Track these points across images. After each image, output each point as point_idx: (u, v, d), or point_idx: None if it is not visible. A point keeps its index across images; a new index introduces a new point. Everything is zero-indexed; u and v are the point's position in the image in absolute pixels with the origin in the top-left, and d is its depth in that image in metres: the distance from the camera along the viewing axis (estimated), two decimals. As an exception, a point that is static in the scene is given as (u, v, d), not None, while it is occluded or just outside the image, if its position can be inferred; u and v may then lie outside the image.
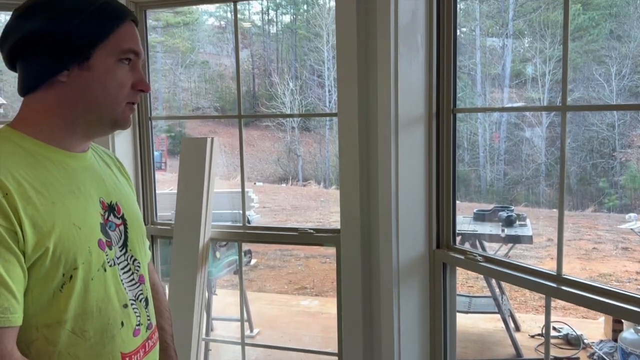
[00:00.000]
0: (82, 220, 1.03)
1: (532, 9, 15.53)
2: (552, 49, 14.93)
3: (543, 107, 9.47)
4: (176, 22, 23.03)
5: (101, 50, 1.04)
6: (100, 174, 1.16)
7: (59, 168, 1.04)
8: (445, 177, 2.06)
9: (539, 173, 14.27)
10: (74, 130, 1.07)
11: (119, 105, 1.08)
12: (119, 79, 1.06)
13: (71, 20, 1.02)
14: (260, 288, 7.20)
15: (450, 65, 2.00)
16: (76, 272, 1.00)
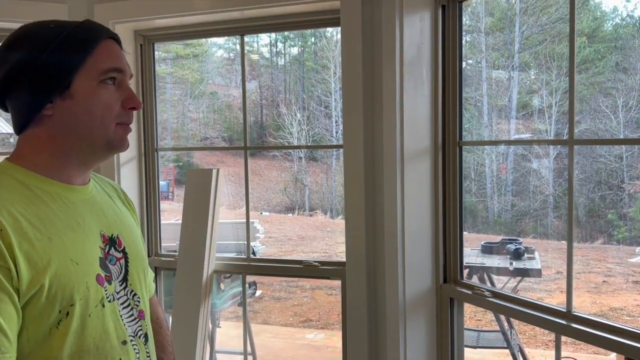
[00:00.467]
0: (79, 255, 1.00)
1: (538, 42, 15.63)
2: (558, 80, 14.98)
3: (550, 141, 9.46)
4: (186, 54, 23.33)
5: (80, 76, 1.01)
6: (102, 206, 1.13)
7: (57, 202, 1.02)
8: (452, 210, 2.04)
9: (547, 204, 14.18)
10: (70, 161, 1.05)
11: (109, 128, 1.05)
12: (104, 101, 1.03)
13: (44, 51, 1.00)
14: (265, 320, 7.12)
15: (455, 97, 2.00)
16: (73, 308, 0.97)
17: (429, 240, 2.06)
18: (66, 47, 1.01)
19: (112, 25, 2.41)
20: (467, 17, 16.67)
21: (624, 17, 15.50)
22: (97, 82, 1.03)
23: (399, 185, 1.98)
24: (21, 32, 1.05)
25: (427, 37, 1.99)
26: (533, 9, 15.78)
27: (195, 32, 2.55)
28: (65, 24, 1.04)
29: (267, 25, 2.39)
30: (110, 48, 1.06)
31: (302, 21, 2.32)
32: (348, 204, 2.16)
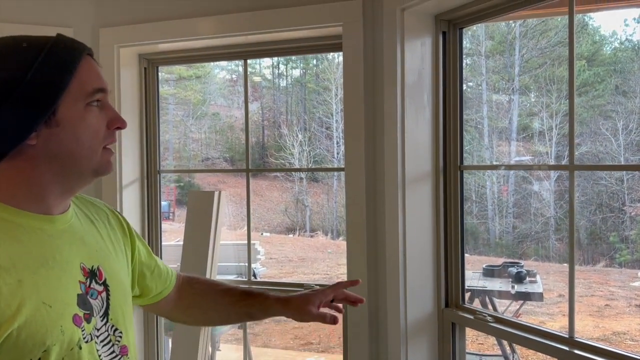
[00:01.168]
0: (53, 296, 0.92)
1: (538, 65, 15.73)
2: (558, 103, 15.04)
3: (550, 166, 9.48)
4: (189, 75, 23.48)
5: (66, 101, 0.93)
6: (82, 234, 1.05)
7: (32, 236, 0.94)
8: (454, 234, 2.04)
9: (548, 227, 14.15)
10: (51, 191, 0.97)
11: (97, 153, 0.98)
12: (92, 125, 0.96)
13: (24, 75, 0.90)
14: (265, 343, 7.07)
15: (456, 122, 2.01)
16: (46, 354, 0.89)
17: (431, 264, 2.06)
18: (48, 69, 0.92)
19: (117, 49, 2.45)
20: (468, 40, 16.80)
21: (622, 41, 15.62)
22: (84, 105, 0.95)
23: (400, 209, 1.99)
24: None
25: (428, 63, 2.01)
26: (533, 32, 15.91)
27: (199, 56, 2.58)
28: (39, 41, 0.94)
29: (270, 50, 2.42)
30: (91, 66, 0.98)
31: (305, 46, 2.35)
32: (349, 228, 2.17)
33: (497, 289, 4.30)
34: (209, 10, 2.34)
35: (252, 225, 2.29)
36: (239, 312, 1.34)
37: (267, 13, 2.23)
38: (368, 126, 2.10)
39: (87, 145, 0.96)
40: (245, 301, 1.33)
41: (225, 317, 1.39)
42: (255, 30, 2.28)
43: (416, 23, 1.98)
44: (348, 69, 2.12)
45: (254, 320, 1.37)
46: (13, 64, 0.91)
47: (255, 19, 2.25)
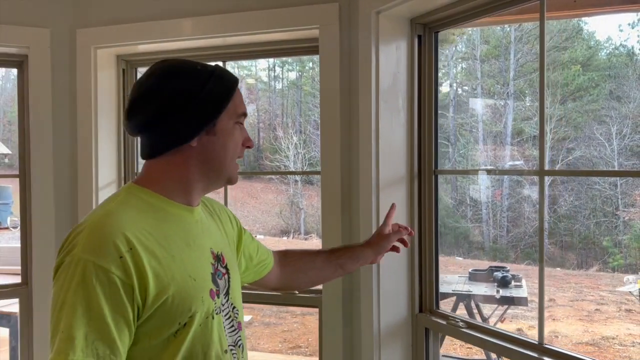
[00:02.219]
0: (196, 272, 1.10)
1: (533, 69, 15.74)
2: (552, 108, 15.07)
3: (521, 171, 9.45)
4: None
5: (224, 116, 1.13)
6: (208, 225, 1.24)
7: (177, 222, 1.13)
8: (428, 238, 2.03)
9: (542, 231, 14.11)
10: (194, 187, 1.16)
11: (233, 163, 1.18)
12: (236, 140, 1.16)
13: (203, 88, 1.10)
14: (253, 346, 7.04)
15: (431, 126, 2.00)
16: (191, 319, 1.07)
17: (405, 269, 2.04)
18: (218, 87, 1.13)
19: (94, 51, 2.43)
20: (463, 44, 16.84)
21: (617, 47, 15.66)
22: (234, 123, 1.15)
23: (374, 213, 1.97)
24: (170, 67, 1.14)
25: (403, 66, 2.00)
26: (528, 37, 15.92)
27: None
28: (208, 67, 1.16)
29: (248, 52, 2.40)
30: (240, 94, 1.19)
31: (283, 49, 2.34)
32: (325, 232, 2.15)
33: (482, 294, 4.28)
34: (187, 12, 2.33)
35: (247, 228, 2.27)
36: (333, 265, 1.54)
37: (245, 15, 2.22)
38: (344, 129, 2.09)
39: (229, 155, 1.16)
40: (335, 254, 1.55)
41: (323, 273, 1.56)
42: (233, 32, 2.27)
43: (391, 26, 1.97)
44: (324, 72, 2.11)
45: (345, 272, 1.60)
46: (195, 77, 1.12)
47: (233, 21, 2.24)
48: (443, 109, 16.45)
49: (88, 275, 0.98)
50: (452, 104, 16.86)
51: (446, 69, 17.54)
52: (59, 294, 1.00)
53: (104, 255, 1.00)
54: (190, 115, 1.10)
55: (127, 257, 1.00)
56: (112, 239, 1.01)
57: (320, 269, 1.55)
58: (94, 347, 0.97)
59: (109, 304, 0.98)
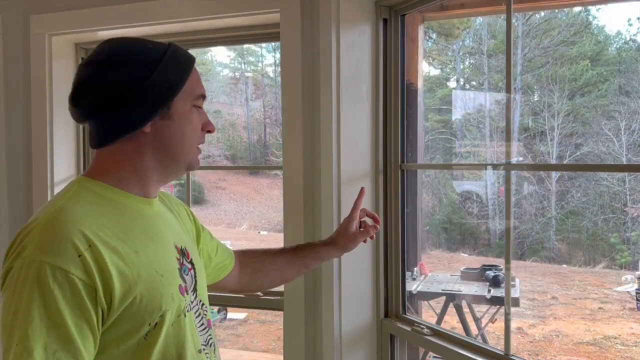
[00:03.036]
0: (163, 267, 1.03)
1: (541, 64, 15.58)
2: (560, 103, 14.94)
3: (487, 164, 9.19)
4: (189, 73, 23.45)
5: (180, 98, 1.05)
6: (169, 218, 1.17)
7: (136, 215, 1.05)
8: (394, 238, 1.89)
9: (549, 227, 14.02)
10: (151, 177, 1.08)
11: (192, 149, 1.10)
12: (194, 124, 1.09)
13: (153, 70, 1.01)
14: (246, 345, 6.92)
15: (397, 117, 1.86)
16: (162, 319, 1.00)
17: (369, 270, 1.90)
18: (171, 69, 1.04)
19: (48, 38, 2.30)
20: (470, 39, 16.67)
21: (627, 41, 15.46)
22: (191, 106, 1.08)
23: (335, 210, 1.83)
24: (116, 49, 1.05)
25: (367, 53, 1.86)
26: (535, 31, 15.74)
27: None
28: (160, 45, 1.07)
29: (210, 38, 2.27)
30: (197, 73, 1.11)
31: (245, 35, 2.20)
32: (287, 230, 2.01)
33: (472, 293, 4.14)
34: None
35: (251, 223, 2.16)
36: (296, 265, 1.49)
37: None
38: (306, 121, 1.94)
39: (187, 141, 1.08)
40: (298, 255, 1.49)
41: (285, 273, 1.51)
42: (194, 16, 2.13)
43: (354, 9, 1.82)
44: (285, 60, 1.97)
45: (309, 270, 1.57)
46: (144, 59, 1.02)
47: (194, 4, 2.10)
48: (448, 104, 16.30)
49: (44, 278, 0.88)
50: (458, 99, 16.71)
51: (453, 64, 17.39)
52: (10, 302, 0.90)
53: (61, 254, 0.90)
54: (141, 99, 1.01)
55: (86, 255, 0.91)
56: (67, 236, 0.92)
57: (282, 270, 1.49)
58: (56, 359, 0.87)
59: (69, 309, 0.89)
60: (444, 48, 17.13)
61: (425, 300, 4.26)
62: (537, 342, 6.82)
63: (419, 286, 4.10)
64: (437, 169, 15.53)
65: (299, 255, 1.50)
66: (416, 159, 4.59)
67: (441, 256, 13.45)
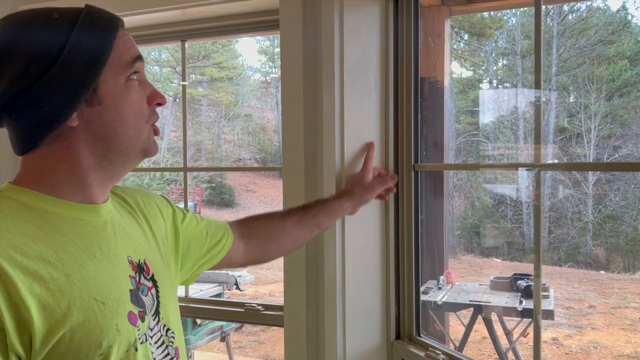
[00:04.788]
0: (105, 292, 0.83)
1: (577, 65, 15.22)
2: (597, 104, 14.60)
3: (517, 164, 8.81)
4: (220, 77, 23.56)
5: (107, 75, 0.85)
6: (124, 225, 0.96)
7: (75, 227, 0.86)
8: (407, 248, 1.66)
9: (586, 232, 13.64)
10: (95, 177, 0.89)
11: (144, 132, 0.90)
12: (135, 101, 0.89)
13: (64, 45, 0.81)
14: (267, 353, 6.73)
15: (410, 112, 1.63)
16: (104, 357, 0.80)
17: (378, 286, 1.67)
18: (87, 42, 0.83)
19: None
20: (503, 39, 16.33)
21: (669, 40, 15.01)
22: (125, 79, 0.87)
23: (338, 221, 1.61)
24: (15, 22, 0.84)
25: (376, 38, 1.63)
26: (571, 31, 15.39)
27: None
28: (71, 12, 0.86)
29: (208, 28, 2.08)
30: (126, 36, 0.90)
31: (244, 24, 2.00)
32: (286, 239, 1.80)
33: (502, 305, 3.86)
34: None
35: None
36: (308, 226, 1.35)
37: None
38: (308, 119, 1.73)
39: (132, 124, 0.88)
40: (309, 214, 1.35)
41: (297, 237, 1.36)
42: (187, 3, 1.94)
43: (359, -11, 1.60)
44: (285, 48, 1.75)
45: (322, 230, 1.40)
46: (47, 38, 0.82)
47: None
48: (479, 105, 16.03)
49: None
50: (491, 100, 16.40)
51: (486, 65, 17.06)
52: None
53: None
54: (54, 87, 0.81)
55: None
56: None
57: (292, 234, 1.34)
58: None
59: None
60: (477, 49, 16.83)
61: (451, 312, 4.01)
62: (573, 354, 6.48)
63: (445, 296, 3.85)
64: (457, 170, 15.16)
65: (310, 215, 1.34)
66: (442, 161, 4.35)
67: (473, 261, 13.13)
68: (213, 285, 4.60)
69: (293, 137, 1.76)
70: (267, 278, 9.97)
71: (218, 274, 4.87)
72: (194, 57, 22.37)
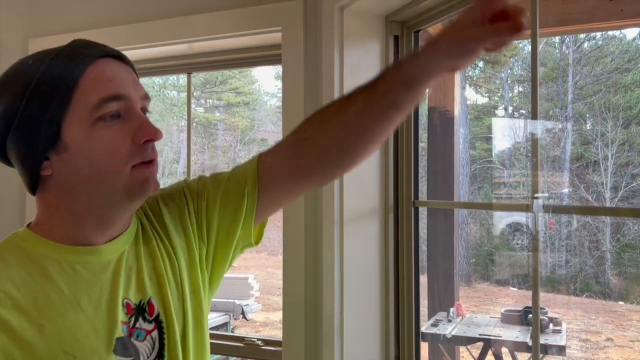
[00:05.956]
0: (80, 343, 0.78)
1: (593, 92, 15.18)
2: (614, 132, 14.49)
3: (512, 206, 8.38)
4: (237, 102, 23.83)
5: (69, 120, 0.79)
6: (136, 261, 0.88)
7: (67, 272, 0.82)
8: (407, 281, 1.64)
9: (604, 261, 13.44)
10: (86, 221, 0.84)
11: (121, 174, 0.81)
12: (105, 144, 0.80)
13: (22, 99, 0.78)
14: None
15: (410, 148, 1.63)
16: None
17: (377, 325, 1.65)
18: (46, 87, 0.78)
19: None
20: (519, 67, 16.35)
21: (686, 67, 14.93)
22: (91, 122, 0.80)
23: (337, 252, 1.60)
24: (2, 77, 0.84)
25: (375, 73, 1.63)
26: (587, 59, 15.38)
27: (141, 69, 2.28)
28: (46, 54, 0.81)
29: (214, 61, 2.11)
30: (101, 71, 0.81)
31: (248, 57, 2.02)
32: (286, 274, 1.79)
33: (513, 339, 3.77)
34: (149, 16, 2.06)
35: (270, 249, 1.95)
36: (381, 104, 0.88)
37: (205, 17, 1.92)
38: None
39: (104, 169, 0.81)
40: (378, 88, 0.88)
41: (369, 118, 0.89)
42: (195, 36, 1.97)
43: (360, 25, 1.61)
44: (287, 82, 1.77)
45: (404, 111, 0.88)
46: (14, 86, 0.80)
47: (194, 24, 1.95)
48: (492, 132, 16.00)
49: None
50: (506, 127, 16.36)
51: (501, 92, 17.07)
52: None
53: None
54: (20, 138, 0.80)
55: None
56: None
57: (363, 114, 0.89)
58: None
59: None
60: (491, 76, 16.86)
61: (461, 346, 3.94)
62: (589, 388, 6.33)
63: (455, 329, 3.78)
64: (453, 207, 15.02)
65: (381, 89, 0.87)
66: (452, 190, 4.33)
67: (488, 290, 12.95)
68: (219, 315, 4.57)
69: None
70: (278, 304, 9.88)
71: (225, 303, 4.84)
72: (211, 82, 22.66)
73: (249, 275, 7.10)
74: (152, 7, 2.05)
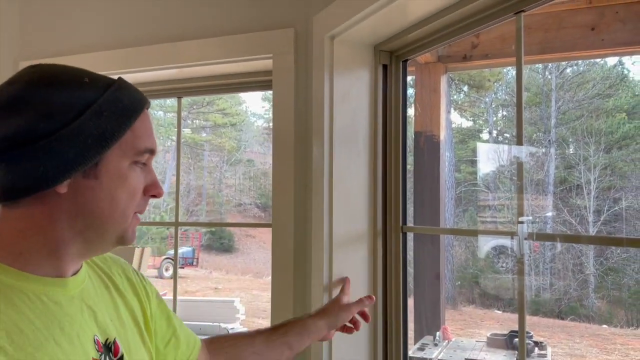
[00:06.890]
0: None
1: (576, 117, 15.39)
2: (596, 156, 14.67)
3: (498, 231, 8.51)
4: (223, 123, 23.84)
5: (114, 152, 0.81)
6: (95, 300, 0.89)
7: (35, 304, 0.77)
8: (394, 307, 1.65)
9: (588, 284, 13.52)
10: (67, 251, 0.82)
11: (128, 218, 0.85)
12: (132, 186, 0.84)
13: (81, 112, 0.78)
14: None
15: (398, 173, 1.65)
16: None
17: (365, 344, 1.66)
18: (107, 114, 0.80)
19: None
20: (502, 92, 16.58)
21: (666, 93, 15.22)
22: (130, 162, 0.83)
23: (325, 277, 1.61)
24: (40, 77, 0.81)
25: (365, 102, 1.67)
26: (570, 84, 15.62)
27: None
28: (101, 80, 0.83)
29: (204, 86, 2.12)
30: (147, 122, 0.86)
31: (238, 83, 2.04)
32: (274, 298, 1.79)
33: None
34: (140, 41, 2.08)
35: (255, 270, 1.96)
36: (278, 346, 1.24)
37: (197, 43, 1.94)
38: (298, 177, 1.75)
39: (121, 208, 0.83)
40: (279, 332, 1.26)
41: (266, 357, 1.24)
42: (186, 62, 1.99)
43: (350, 54, 1.65)
44: (277, 109, 1.79)
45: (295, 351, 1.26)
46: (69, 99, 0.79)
47: (185, 50, 1.97)
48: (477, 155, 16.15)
49: None
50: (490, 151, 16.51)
51: (485, 116, 17.27)
52: None
53: None
54: (58, 149, 0.76)
55: None
56: None
57: (261, 353, 1.22)
58: None
59: None
60: (476, 100, 17.06)
61: (447, 369, 3.94)
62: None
63: (441, 353, 3.79)
64: (441, 234, 15.11)
65: (280, 333, 1.24)
66: (438, 213, 4.37)
67: (474, 313, 12.95)
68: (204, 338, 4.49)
69: (283, 196, 1.78)
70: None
71: (211, 327, 4.80)
72: (198, 103, 22.67)
73: (235, 299, 7.04)
74: (143, 32, 2.07)
